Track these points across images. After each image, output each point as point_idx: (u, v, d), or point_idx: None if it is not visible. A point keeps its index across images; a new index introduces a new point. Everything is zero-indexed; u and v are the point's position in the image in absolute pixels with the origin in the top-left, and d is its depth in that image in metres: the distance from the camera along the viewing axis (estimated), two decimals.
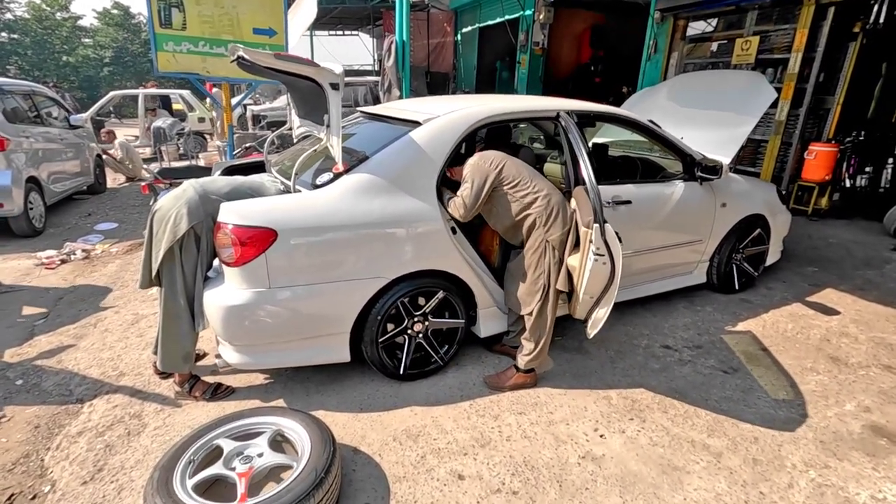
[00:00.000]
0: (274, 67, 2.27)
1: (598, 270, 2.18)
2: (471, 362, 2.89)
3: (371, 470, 2.08)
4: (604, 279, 2.23)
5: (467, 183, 2.47)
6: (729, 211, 3.56)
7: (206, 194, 2.37)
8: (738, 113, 3.78)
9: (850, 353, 3.04)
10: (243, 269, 2.20)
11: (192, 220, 2.28)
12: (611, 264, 2.15)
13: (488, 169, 2.46)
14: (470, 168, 2.50)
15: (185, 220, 2.27)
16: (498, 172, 2.45)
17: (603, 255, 2.14)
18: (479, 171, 2.47)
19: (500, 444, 2.24)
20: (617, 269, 2.16)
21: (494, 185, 2.46)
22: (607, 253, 2.13)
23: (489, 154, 2.55)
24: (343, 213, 2.32)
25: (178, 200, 2.32)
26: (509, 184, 2.43)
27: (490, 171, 2.45)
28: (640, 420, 2.41)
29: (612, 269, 2.16)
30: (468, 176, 2.48)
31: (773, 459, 2.16)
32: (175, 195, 2.36)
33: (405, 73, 5.93)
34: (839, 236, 5.44)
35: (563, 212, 2.43)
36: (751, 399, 2.58)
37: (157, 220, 2.32)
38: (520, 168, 2.48)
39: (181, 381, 2.54)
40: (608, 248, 2.13)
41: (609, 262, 2.15)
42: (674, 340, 3.17)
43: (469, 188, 2.45)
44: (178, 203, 2.31)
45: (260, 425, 2.01)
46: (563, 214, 2.42)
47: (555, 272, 2.42)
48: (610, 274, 2.18)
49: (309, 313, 2.34)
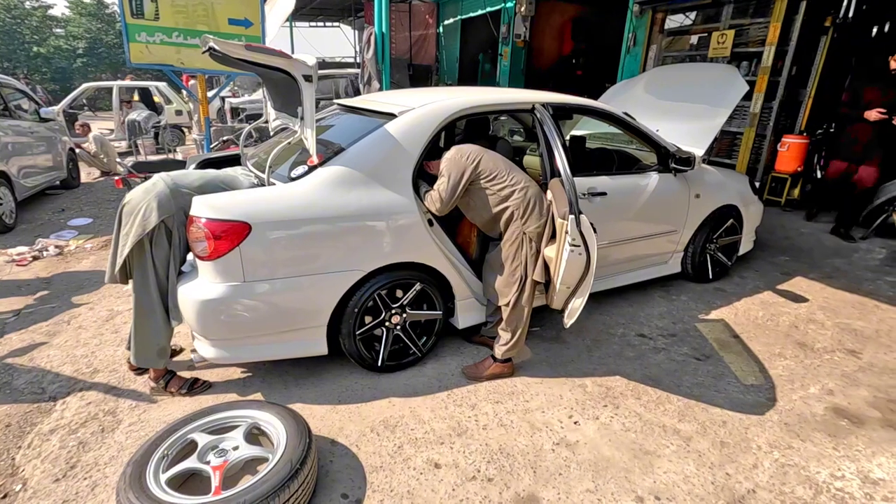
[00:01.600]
0: (246, 59, 2.24)
1: (573, 261, 2.22)
2: (450, 353, 2.92)
3: (348, 461, 2.10)
4: (580, 269, 2.26)
5: (444, 177, 2.48)
6: (702, 202, 3.64)
7: (177, 188, 2.34)
8: (711, 105, 3.85)
9: (817, 339, 3.14)
10: (217, 263, 2.18)
11: (163, 214, 2.25)
12: (586, 255, 2.19)
13: (465, 163, 2.47)
14: (447, 162, 2.51)
15: (155, 213, 2.23)
16: (475, 167, 2.46)
17: (578, 245, 2.17)
18: (455, 165, 2.48)
19: (476, 433, 2.27)
20: (592, 260, 2.20)
21: (471, 179, 2.47)
22: (582, 244, 2.17)
23: (466, 148, 2.56)
24: (318, 205, 2.31)
25: (148, 194, 2.29)
26: (486, 177, 2.45)
27: (467, 166, 2.47)
28: (613, 407, 2.47)
29: (588, 259, 2.20)
30: (445, 170, 2.49)
31: (739, 442, 2.23)
32: (145, 188, 2.32)
33: (385, 66, 5.89)
34: (810, 226, 5.58)
35: (540, 204, 2.46)
36: (721, 385, 2.66)
37: (126, 213, 2.29)
38: (496, 161, 2.49)
39: (157, 377, 2.52)
40: (583, 238, 2.17)
41: (584, 253, 2.18)
42: (649, 329, 3.24)
43: (445, 182, 2.46)
44: (148, 196, 2.27)
45: (235, 419, 2.01)
46: (539, 207, 2.44)
47: (532, 263, 2.45)
48: (585, 264, 2.22)
49: (285, 307, 2.33)
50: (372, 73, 5.85)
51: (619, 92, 4.80)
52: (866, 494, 1.96)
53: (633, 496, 1.94)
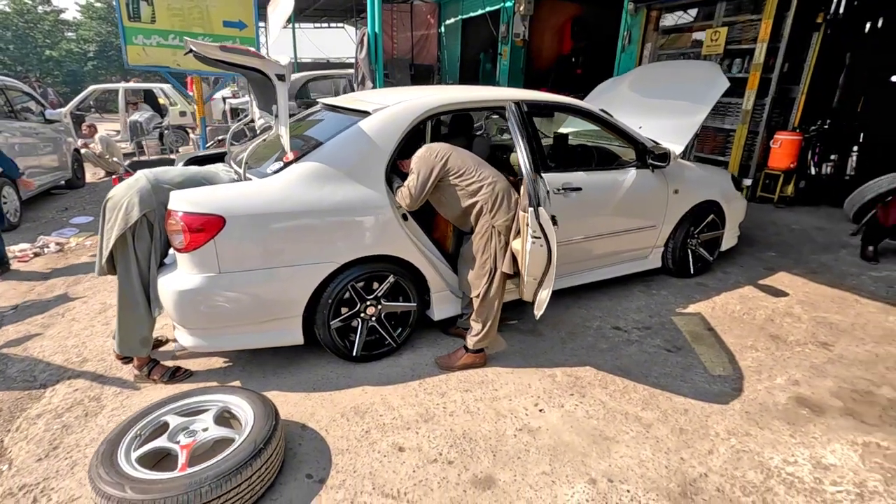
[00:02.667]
0: (222, 59, 2.34)
1: (536, 253, 2.29)
2: (426, 344, 2.99)
3: (316, 444, 2.18)
4: (543, 261, 2.33)
5: (414, 174, 2.57)
6: (681, 197, 3.68)
7: (158, 183, 2.44)
8: (692, 102, 3.89)
9: (791, 332, 3.17)
10: (193, 255, 2.28)
11: (144, 208, 2.35)
12: (547, 247, 2.26)
13: (434, 161, 2.55)
14: (417, 160, 2.60)
15: (137, 208, 2.34)
16: (443, 164, 2.55)
17: (539, 237, 2.24)
18: (425, 162, 2.57)
19: (442, 419, 2.35)
20: (553, 251, 2.26)
21: (441, 176, 2.55)
22: (543, 236, 2.24)
23: (435, 146, 2.64)
24: (291, 200, 2.41)
25: (130, 189, 2.39)
26: (455, 174, 2.53)
27: (436, 163, 2.55)
28: (580, 395, 2.53)
29: (549, 251, 2.27)
30: (415, 167, 2.58)
31: (698, 429, 2.29)
32: (127, 184, 2.43)
33: (378, 66, 5.98)
34: (803, 222, 5.59)
35: (508, 198, 2.53)
36: (689, 375, 2.71)
37: (110, 208, 2.40)
38: (465, 158, 2.57)
39: (140, 365, 2.62)
40: (543, 231, 2.23)
41: (545, 245, 2.25)
42: (625, 322, 3.30)
43: (415, 179, 2.55)
44: (130, 192, 2.38)
45: (207, 403, 2.11)
46: (507, 201, 2.51)
47: (501, 256, 2.52)
48: (547, 256, 2.29)
49: (259, 297, 2.43)
50: (365, 72, 5.96)
51: (607, 90, 4.85)
52: (816, 479, 2.00)
53: (586, 478, 2.00)
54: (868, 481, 2.00)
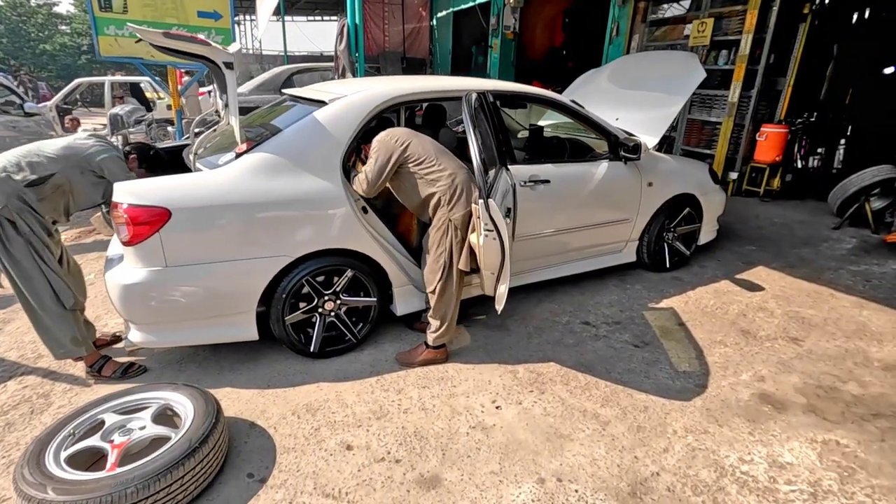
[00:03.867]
0: (165, 46, 2.27)
1: (489, 246, 2.23)
2: (389, 339, 2.94)
3: (263, 442, 2.13)
4: (497, 254, 2.27)
5: (372, 158, 2.51)
6: (656, 190, 3.61)
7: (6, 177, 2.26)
8: (668, 93, 3.82)
9: (762, 327, 3.12)
10: (138, 249, 2.22)
11: None
12: (499, 239, 2.20)
13: (393, 146, 2.49)
14: (376, 143, 2.54)
15: None
16: (403, 149, 2.48)
17: (491, 230, 2.18)
18: (384, 146, 2.50)
19: (395, 417, 2.29)
20: (505, 244, 2.20)
21: (399, 162, 2.49)
22: (494, 228, 2.17)
23: (397, 131, 2.57)
24: (241, 191, 2.34)
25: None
26: (414, 161, 2.46)
27: (395, 148, 2.48)
28: (539, 392, 2.48)
29: (501, 244, 2.21)
30: (373, 152, 2.52)
31: (656, 426, 2.24)
32: None
33: (360, 58, 5.88)
34: (786, 216, 5.53)
35: (468, 192, 2.46)
36: (653, 371, 2.66)
37: None
38: (426, 146, 2.50)
39: (90, 363, 2.56)
40: (494, 223, 2.17)
41: (497, 238, 2.19)
42: (595, 317, 3.24)
43: (373, 164, 2.49)
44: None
45: (148, 400, 2.05)
46: (467, 194, 2.45)
47: (457, 251, 2.46)
48: (500, 249, 2.22)
49: (209, 292, 2.37)
50: (346, 64, 5.86)
51: (586, 81, 4.77)
52: (770, 478, 1.95)
53: (535, 477, 1.95)
54: (823, 480, 1.95)
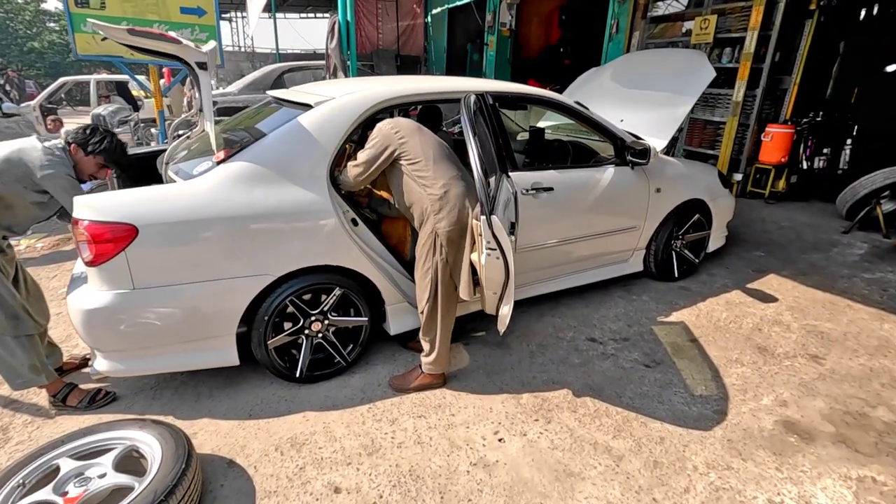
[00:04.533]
0: (130, 44, 2.05)
1: (492, 265, 2.02)
2: (382, 360, 2.73)
3: (241, 484, 1.92)
4: (500, 274, 2.06)
5: (369, 145, 2.33)
6: (664, 196, 3.42)
7: None
8: (676, 93, 3.63)
9: (779, 343, 2.94)
10: (102, 270, 2.00)
11: None
12: (503, 259, 1.99)
13: (393, 136, 2.29)
14: (376, 131, 2.35)
15: None
16: (402, 142, 2.28)
17: (494, 248, 1.97)
18: (382, 136, 2.32)
19: (389, 452, 2.09)
20: (509, 264, 2.00)
21: (395, 156, 2.29)
22: (498, 246, 1.97)
23: (401, 122, 2.36)
24: (217, 205, 2.12)
25: None
26: (409, 159, 2.25)
27: (393, 139, 2.29)
28: (545, 421, 2.28)
29: (505, 263, 2.00)
30: (371, 138, 2.34)
31: (675, 461, 2.04)
32: None
33: (352, 56, 5.66)
34: (793, 219, 5.36)
35: (461, 206, 2.22)
36: (667, 395, 2.46)
37: None
38: (427, 148, 2.28)
39: (53, 391, 2.33)
40: (497, 241, 1.96)
41: (501, 257, 1.99)
42: (601, 332, 3.05)
43: (369, 150, 2.31)
44: None
45: (111, 441, 1.83)
46: (459, 208, 2.21)
47: (443, 270, 2.25)
48: (504, 269, 2.02)
49: (183, 316, 2.15)
50: (337, 63, 5.64)
51: (588, 81, 4.57)
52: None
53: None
54: None
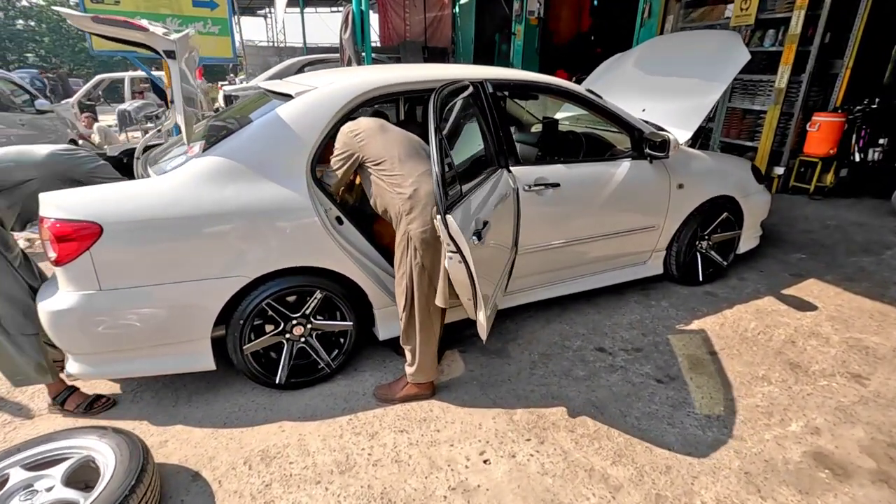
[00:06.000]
0: (96, 32, 1.95)
1: (455, 269, 1.82)
2: (370, 367, 2.58)
3: (202, 501, 1.81)
4: (465, 277, 1.85)
5: (334, 152, 2.21)
6: (688, 192, 3.11)
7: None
8: (705, 79, 3.30)
9: (815, 359, 2.61)
10: (66, 269, 1.92)
11: None
12: (464, 262, 1.79)
13: (351, 140, 2.16)
14: (339, 135, 2.22)
15: None
16: (362, 146, 2.13)
17: (455, 251, 1.77)
18: (342, 140, 2.20)
19: (363, 471, 1.93)
20: (471, 267, 1.79)
21: (359, 160, 2.15)
22: (457, 249, 1.77)
23: (360, 123, 2.20)
24: (186, 202, 2.00)
25: None
26: (373, 162, 2.09)
27: (353, 143, 2.15)
28: (538, 441, 2.07)
29: (466, 266, 1.79)
30: (336, 144, 2.21)
31: (680, 496, 1.80)
32: None
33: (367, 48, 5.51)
34: (840, 217, 4.88)
35: (433, 205, 2.02)
36: (678, 416, 2.20)
37: None
38: (389, 146, 2.10)
39: (53, 394, 2.28)
40: (455, 242, 1.76)
41: (462, 259, 1.78)
42: (611, 342, 2.79)
43: (334, 158, 2.20)
44: None
45: (69, 450, 1.75)
46: (429, 208, 2.01)
47: (419, 276, 2.05)
48: (467, 272, 1.81)
49: (152, 318, 2.05)
50: (351, 54, 5.51)
51: (610, 68, 4.26)
52: None
53: None
54: None
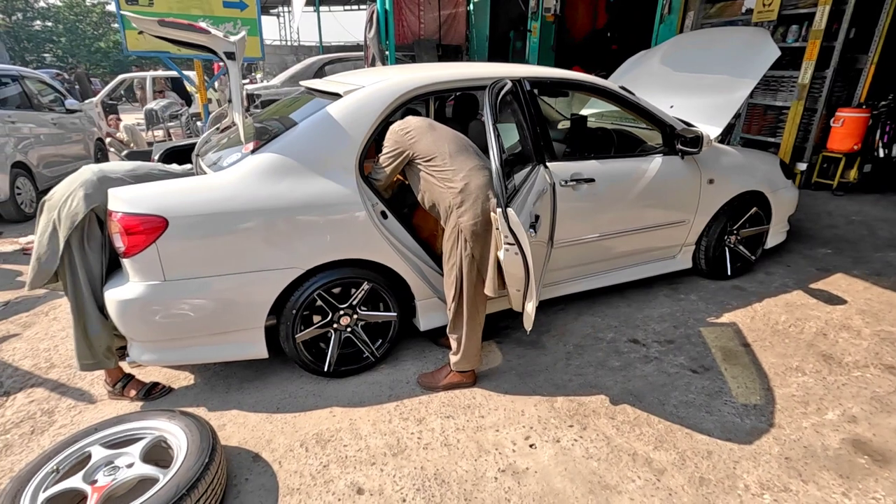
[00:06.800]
0: (161, 36, 2.05)
1: (511, 262, 1.90)
2: (411, 357, 2.67)
3: (265, 480, 1.91)
4: (520, 269, 1.94)
5: (384, 150, 2.30)
6: (718, 188, 3.16)
7: (105, 176, 2.19)
8: (734, 76, 3.34)
9: (847, 350, 2.65)
10: (134, 261, 2.03)
11: (91, 203, 2.10)
12: (521, 254, 1.87)
13: (402, 138, 2.25)
14: (389, 134, 2.31)
15: (83, 203, 2.09)
16: (413, 143, 2.22)
17: (513, 244, 1.85)
18: (393, 138, 2.28)
19: (414, 453, 2.02)
20: (528, 260, 1.87)
21: (409, 157, 2.24)
22: (515, 241, 1.85)
23: (410, 122, 2.30)
24: (243, 197, 2.10)
25: (73, 184, 2.15)
26: (424, 158, 2.18)
27: (403, 141, 2.24)
28: (580, 427, 2.14)
29: (524, 259, 1.87)
30: (385, 142, 2.30)
31: (723, 479, 1.87)
32: (69, 180, 2.20)
33: (390, 47, 5.59)
34: (865, 213, 4.88)
35: (484, 198, 2.10)
36: (716, 405, 2.27)
37: (49, 208, 2.16)
38: (440, 143, 2.19)
39: (112, 380, 2.39)
40: (514, 235, 1.84)
41: (519, 252, 1.86)
42: (644, 334, 2.86)
43: (384, 156, 2.29)
44: (73, 187, 2.14)
45: (142, 431, 1.86)
46: (482, 200, 2.09)
47: (468, 267, 2.14)
48: (523, 264, 1.89)
49: (212, 307, 2.15)
50: (375, 53, 5.60)
51: (635, 65, 4.30)
52: None
53: None
54: None
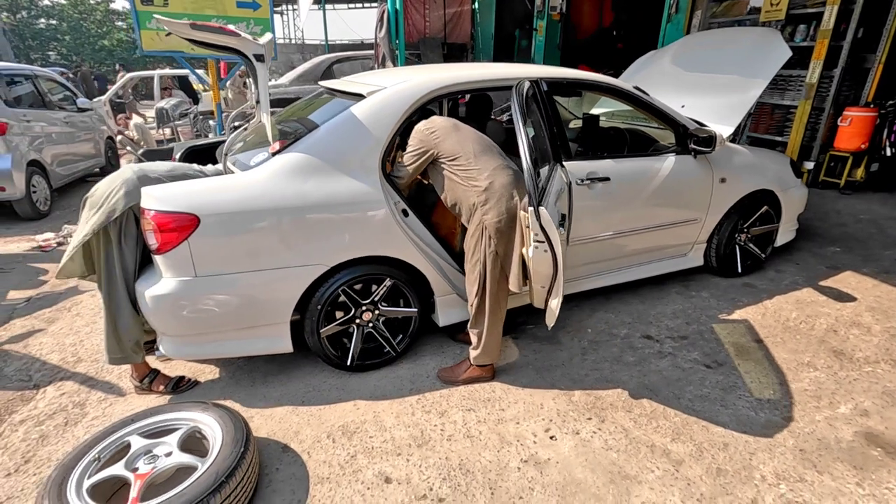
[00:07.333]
0: (192, 38, 2.10)
1: (540, 258, 1.96)
2: (430, 352, 2.73)
3: (295, 469, 1.97)
4: (548, 267, 2.00)
5: (409, 148, 2.35)
6: (729, 186, 3.21)
7: (144, 175, 2.26)
8: (745, 76, 3.38)
9: (858, 347, 2.70)
10: (166, 257, 2.09)
11: (130, 201, 2.17)
12: (551, 251, 1.92)
13: (427, 138, 2.31)
14: (415, 133, 2.37)
15: (122, 200, 2.16)
16: (438, 143, 2.28)
17: (542, 241, 1.91)
18: (418, 137, 2.34)
19: (438, 444, 2.08)
20: (558, 257, 1.93)
21: (434, 157, 2.30)
22: (546, 239, 1.90)
23: (436, 122, 2.35)
24: (271, 195, 2.16)
25: (114, 182, 2.22)
26: (448, 158, 2.24)
27: (429, 140, 2.30)
28: (598, 420, 2.20)
29: (554, 256, 1.93)
30: (411, 140, 2.36)
31: (740, 470, 1.92)
32: (111, 177, 2.27)
33: (400, 45, 5.64)
34: (873, 212, 4.92)
35: (507, 196, 2.16)
36: (730, 399, 2.32)
37: (91, 204, 2.22)
38: (464, 143, 2.25)
39: (139, 375, 2.44)
40: (546, 233, 1.90)
41: (549, 249, 1.92)
42: (657, 330, 2.91)
43: (408, 155, 2.34)
44: (114, 185, 2.21)
45: (177, 421, 1.92)
46: (506, 199, 2.15)
47: (492, 264, 2.19)
48: (552, 262, 1.95)
49: (241, 303, 2.22)
50: (386, 52, 5.64)
51: (646, 64, 4.35)
52: None
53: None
54: None
